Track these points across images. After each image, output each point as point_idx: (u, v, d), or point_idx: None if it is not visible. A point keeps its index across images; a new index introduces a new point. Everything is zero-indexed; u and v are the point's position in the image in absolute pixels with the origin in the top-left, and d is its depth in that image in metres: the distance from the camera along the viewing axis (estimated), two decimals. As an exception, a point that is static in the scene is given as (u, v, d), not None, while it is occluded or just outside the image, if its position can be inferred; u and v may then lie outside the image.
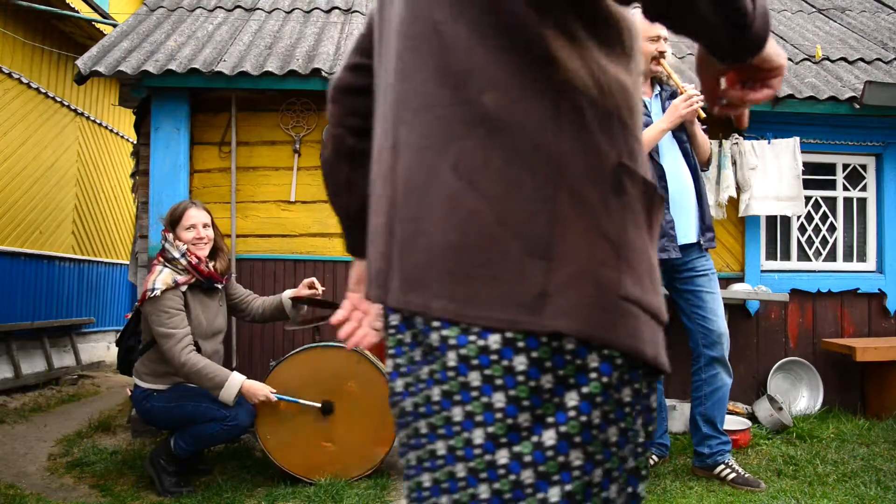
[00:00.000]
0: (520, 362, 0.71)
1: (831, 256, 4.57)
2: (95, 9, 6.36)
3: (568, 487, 0.71)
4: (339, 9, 4.88)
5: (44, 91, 6.13)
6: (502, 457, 0.72)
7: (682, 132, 2.97)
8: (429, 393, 0.76)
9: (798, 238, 4.55)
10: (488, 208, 0.73)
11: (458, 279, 0.73)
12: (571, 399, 0.72)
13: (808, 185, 4.47)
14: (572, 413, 0.72)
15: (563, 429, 0.71)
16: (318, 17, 4.73)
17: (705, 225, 3.00)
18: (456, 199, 0.74)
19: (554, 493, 0.71)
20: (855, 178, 4.61)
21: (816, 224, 4.57)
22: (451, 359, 0.73)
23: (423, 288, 0.75)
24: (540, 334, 0.71)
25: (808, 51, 4.82)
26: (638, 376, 0.75)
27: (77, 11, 6.06)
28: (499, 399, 0.72)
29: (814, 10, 5.76)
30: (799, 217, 4.51)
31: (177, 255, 2.97)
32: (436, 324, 0.75)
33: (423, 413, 0.77)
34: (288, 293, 3.29)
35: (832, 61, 4.70)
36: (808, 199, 4.50)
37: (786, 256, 4.54)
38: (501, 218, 0.73)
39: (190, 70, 3.76)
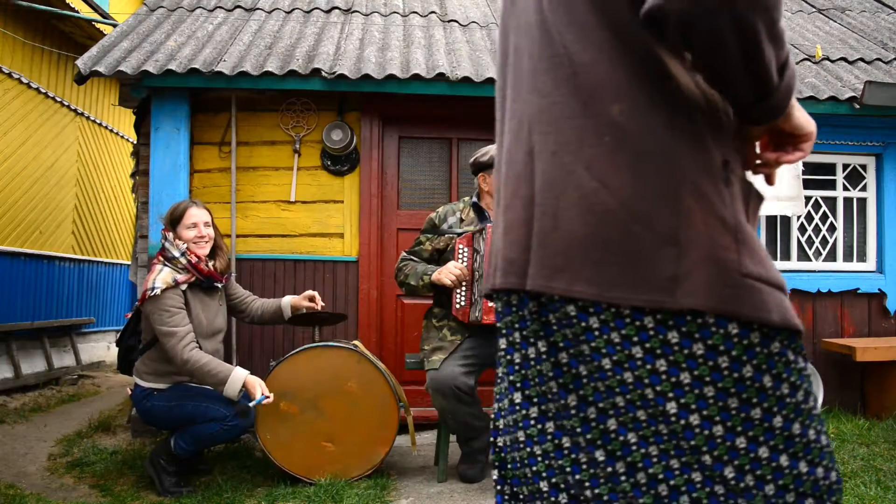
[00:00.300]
0: (673, 336, 0.86)
1: (831, 256, 4.57)
2: (95, 9, 6.36)
3: (729, 423, 0.87)
4: (339, 9, 4.88)
5: (44, 91, 6.13)
6: (672, 407, 0.87)
7: None
8: (600, 364, 0.90)
9: (798, 238, 4.55)
10: (620, 204, 0.85)
11: (597, 266, 0.86)
12: (723, 361, 0.86)
13: (808, 185, 4.47)
14: (726, 373, 0.86)
15: (720, 384, 0.86)
16: (318, 17, 4.73)
17: None
18: (590, 197, 0.86)
19: (718, 430, 0.87)
20: (855, 178, 4.61)
21: (816, 224, 4.57)
22: (615, 337, 0.88)
23: (563, 274, 0.88)
24: (680, 312, 0.84)
25: (808, 51, 4.82)
26: (778, 332, 0.87)
27: (77, 11, 6.06)
28: (661, 364, 0.87)
29: (814, 10, 5.76)
30: (799, 217, 4.51)
31: (176, 254, 2.97)
32: (591, 309, 0.88)
33: (597, 377, 0.91)
34: (288, 300, 3.30)
35: (832, 61, 4.71)
36: (808, 199, 4.50)
37: (786, 256, 4.54)
38: (633, 213, 0.85)
39: (190, 70, 3.76)
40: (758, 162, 0.96)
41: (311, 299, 3.27)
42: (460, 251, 2.94)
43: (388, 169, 4.29)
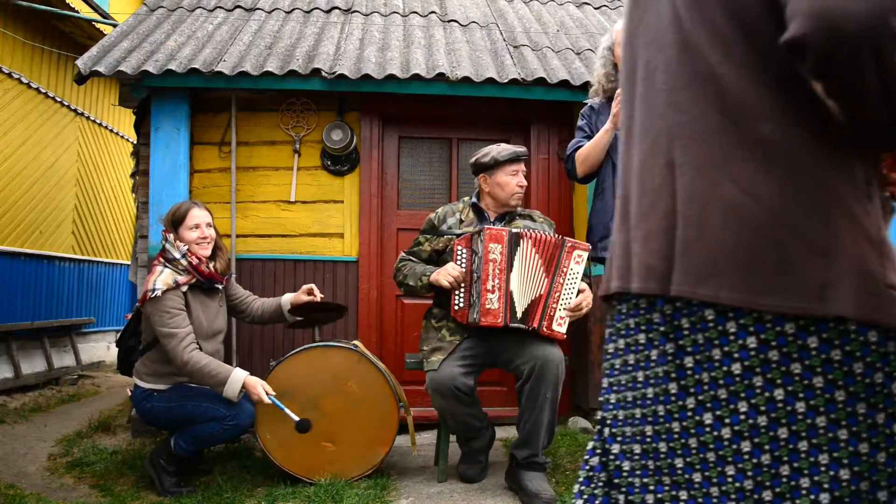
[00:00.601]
0: (812, 341, 0.90)
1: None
2: (95, 9, 6.36)
3: (854, 428, 0.90)
4: (339, 9, 4.87)
5: (44, 91, 6.13)
6: (800, 406, 0.91)
7: None
8: (729, 369, 0.94)
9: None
10: (771, 216, 0.90)
11: (744, 274, 0.90)
12: (858, 367, 0.89)
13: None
14: (858, 378, 0.89)
15: (851, 389, 0.90)
16: (318, 17, 4.73)
17: None
18: (739, 208, 0.91)
19: (843, 433, 0.90)
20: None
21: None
22: (752, 341, 0.92)
23: (709, 281, 0.93)
24: (827, 319, 0.88)
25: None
26: None
27: (77, 11, 6.06)
28: (796, 367, 0.91)
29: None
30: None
31: (177, 255, 2.97)
32: (731, 314, 0.92)
33: (721, 384, 0.95)
34: (287, 297, 3.29)
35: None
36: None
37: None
38: (783, 225, 0.89)
39: (190, 70, 3.76)
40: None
41: (310, 292, 3.27)
42: (459, 252, 2.94)
43: (388, 169, 4.29)
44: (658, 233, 1.00)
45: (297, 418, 2.91)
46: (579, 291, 2.88)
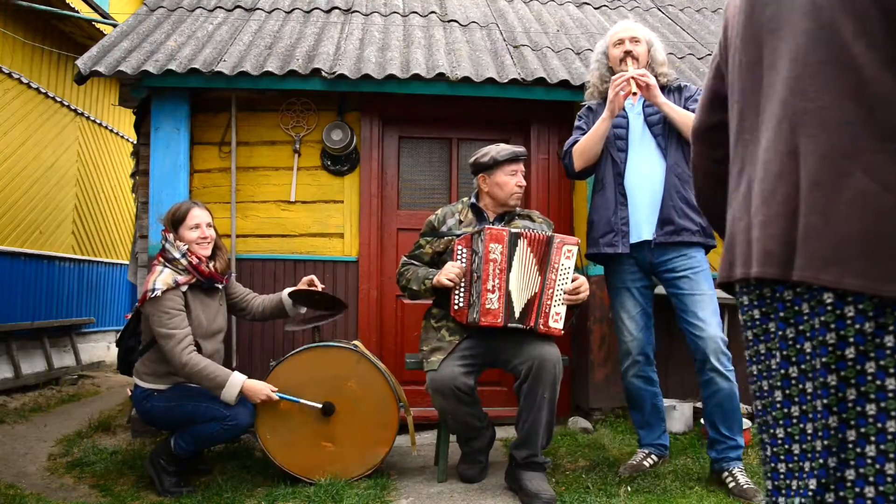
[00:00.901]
0: None
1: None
2: (95, 9, 6.37)
3: None
4: (339, 9, 4.88)
5: (44, 91, 6.14)
6: None
7: (658, 124, 2.92)
8: (841, 353, 0.95)
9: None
10: None
11: (873, 261, 0.91)
12: None
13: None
14: None
15: None
16: (318, 17, 4.73)
17: (665, 219, 2.86)
18: (868, 196, 0.91)
19: None
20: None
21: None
22: (868, 326, 0.93)
23: (834, 267, 0.93)
24: None
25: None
26: None
27: (77, 11, 6.06)
28: None
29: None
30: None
31: (177, 255, 2.97)
32: (850, 298, 0.93)
33: (833, 369, 0.96)
34: (288, 291, 3.30)
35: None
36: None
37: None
38: None
39: (190, 70, 3.76)
40: None
41: (310, 283, 3.27)
42: (458, 252, 2.94)
43: (388, 169, 4.29)
44: (778, 218, 1.01)
45: (319, 405, 2.95)
46: (573, 282, 2.87)
